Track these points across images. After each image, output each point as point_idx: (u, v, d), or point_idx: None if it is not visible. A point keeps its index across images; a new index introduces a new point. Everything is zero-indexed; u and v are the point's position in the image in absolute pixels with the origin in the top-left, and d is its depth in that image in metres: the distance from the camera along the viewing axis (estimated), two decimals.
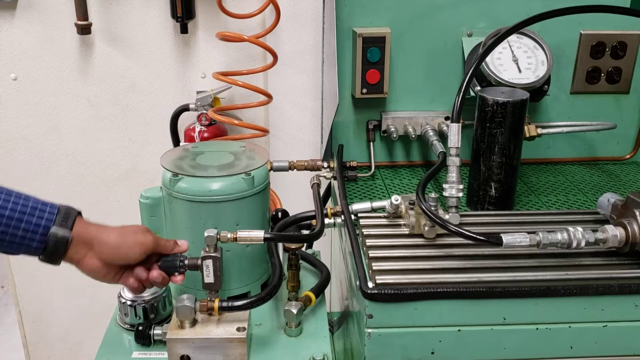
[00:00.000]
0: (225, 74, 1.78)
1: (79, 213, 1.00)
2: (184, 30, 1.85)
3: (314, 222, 1.27)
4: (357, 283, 1.00)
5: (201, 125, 1.89)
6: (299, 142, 2.04)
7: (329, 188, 1.64)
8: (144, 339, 1.10)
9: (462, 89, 1.15)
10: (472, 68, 1.16)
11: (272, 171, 1.47)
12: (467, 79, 1.15)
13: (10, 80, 1.90)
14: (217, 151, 1.26)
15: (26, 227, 0.92)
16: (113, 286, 1.16)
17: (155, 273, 1.03)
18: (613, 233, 1.02)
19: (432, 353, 0.99)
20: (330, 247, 1.93)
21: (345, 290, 1.35)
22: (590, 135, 1.54)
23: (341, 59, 1.44)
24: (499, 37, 1.19)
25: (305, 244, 1.36)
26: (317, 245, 1.52)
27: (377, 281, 1.00)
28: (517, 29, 1.18)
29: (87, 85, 1.92)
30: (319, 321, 1.19)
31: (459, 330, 0.98)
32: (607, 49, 1.46)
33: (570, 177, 1.47)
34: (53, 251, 0.95)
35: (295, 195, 1.91)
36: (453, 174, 1.16)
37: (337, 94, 1.29)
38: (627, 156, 1.55)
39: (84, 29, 1.79)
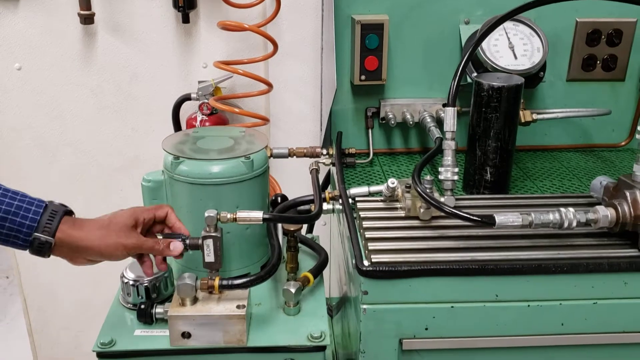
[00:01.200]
0: (226, 63, 1.80)
1: (66, 212, 1.00)
2: (185, 20, 1.87)
3: (312, 206, 1.30)
4: (353, 261, 1.03)
5: (203, 115, 1.91)
6: (300, 132, 2.06)
7: (329, 175, 1.66)
8: (145, 318, 1.12)
9: (458, 74, 1.17)
10: (468, 52, 1.18)
11: (272, 158, 1.50)
12: (462, 63, 1.17)
13: (14, 70, 1.93)
14: (218, 136, 1.29)
15: (11, 227, 0.94)
16: (117, 276, 1.19)
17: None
18: (604, 213, 1.04)
19: (426, 329, 1.01)
20: (329, 235, 1.95)
21: (344, 275, 1.37)
22: (585, 122, 1.56)
23: (340, 47, 1.46)
24: (495, 23, 1.22)
25: (305, 228, 1.39)
26: (318, 233, 1.55)
27: (373, 260, 1.02)
28: (512, 14, 1.20)
29: (90, 74, 1.95)
30: (317, 301, 1.22)
31: (452, 306, 1.00)
32: (603, 37, 1.48)
33: (565, 163, 1.50)
34: (38, 252, 0.97)
35: (295, 183, 1.94)
36: (449, 158, 1.19)
37: (335, 80, 1.32)
38: (623, 143, 1.57)
39: (87, 19, 1.82)
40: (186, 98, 1.92)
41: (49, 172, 2.05)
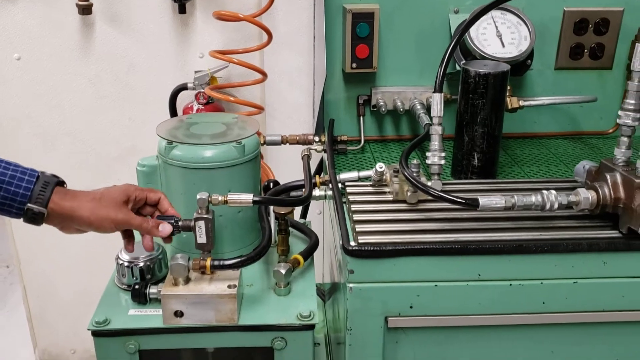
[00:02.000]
0: (222, 53, 1.83)
1: (58, 183, 1.03)
2: (182, 10, 1.90)
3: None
4: (340, 242, 1.06)
5: (199, 104, 1.94)
6: (295, 121, 2.09)
7: (322, 162, 1.69)
8: (140, 297, 1.15)
9: (444, 60, 1.20)
10: (455, 39, 1.21)
11: (265, 145, 1.53)
12: (449, 50, 1.20)
13: (14, 60, 1.96)
14: (211, 122, 1.32)
15: (5, 195, 0.97)
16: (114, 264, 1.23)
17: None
18: (585, 196, 1.07)
19: (411, 307, 1.04)
20: (322, 224, 1.98)
21: (335, 260, 1.40)
22: (573, 110, 1.58)
23: (332, 35, 1.49)
24: (482, 10, 1.24)
25: (294, 211, 1.41)
26: (314, 223, 1.58)
27: (360, 241, 1.05)
28: (499, 2, 1.23)
29: (88, 64, 1.98)
30: (307, 282, 1.25)
31: (436, 285, 1.03)
32: (590, 26, 1.50)
33: (553, 150, 1.52)
34: (31, 221, 1.00)
35: (288, 170, 1.96)
36: (436, 143, 1.21)
37: (325, 67, 1.34)
38: (610, 130, 1.59)
39: (85, 9, 1.85)
40: (183, 88, 1.95)
41: (48, 161, 2.08)
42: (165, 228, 1.10)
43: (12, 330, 2.75)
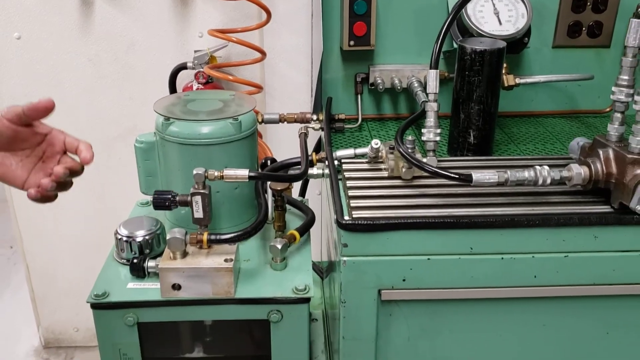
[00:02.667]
0: (221, 32, 1.83)
1: None
2: None
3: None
4: (335, 217, 1.07)
5: (198, 83, 1.95)
6: (294, 101, 2.10)
7: (320, 141, 1.70)
8: (138, 271, 1.17)
9: (440, 37, 1.20)
10: (451, 16, 1.21)
11: (263, 123, 1.54)
12: (445, 26, 1.20)
13: (14, 39, 1.96)
14: (208, 99, 1.33)
15: None
16: None
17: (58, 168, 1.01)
18: (577, 171, 1.08)
19: (404, 280, 1.06)
20: (320, 204, 2.00)
21: (331, 237, 1.42)
22: (571, 88, 1.59)
23: (330, 14, 1.49)
24: None
25: (292, 191, 1.43)
26: (313, 203, 1.59)
27: (354, 215, 1.06)
28: None
29: (88, 44, 1.98)
30: (303, 258, 1.26)
31: (429, 259, 1.05)
32: (589, 3, 1.50)
33: (550, 128, 1.53)
34: None
35: (287, 149, 1.98)
36: (431, 119, 1.22)
37: (322, 44, 1.35)
38: (607, 109, 1.60)
39: None
40: (182, 67, 1.96)
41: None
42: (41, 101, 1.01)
43: (16, 309, 2.78)
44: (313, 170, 1.32)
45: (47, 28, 1.95)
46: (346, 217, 1.05)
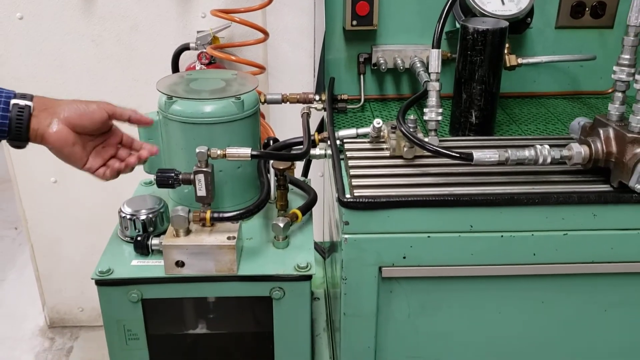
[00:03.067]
0: (224, 12, 1.83)
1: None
2: None
3: None
4: (336, 195, 1.08)
5: (201, 64, 1.95)
6: (297, 82, 2.10)
7: (322, 121, 1.70)
8: (142, 249, 1.19)
9: (442, 16, 1.20)
10: None
11: (266, 103, 1.54)
12: (447, 5, 1.20)
13: (16, 20, 1.97)
14: (210, 78, 1.33)
15: None
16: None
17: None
18: (577, 150, 1.08)
19: (404, 257, 1.07)
20: (323, 185, 2.01)
21: (333, 218, 1.43)
22: (574, 69, 1.59)
23: None
24: None
25: (295, 172, 1.44)
26: (316, 184, 1.60)
27: (355, 194, 1.07)
28: None
29: (91, 24, 1.98)
30: (305, 236, 1.27)
31: (429, 236, 1.06)
32: None
33: (552, 109, 1.53)
34: (18, 124, 0.97)
35: (290, 130, 1.97)
36: (433, 99, 1.22)
37: (324, 24, 1.35)
38: (609, 90, 1.60)
39: None
40: (185, 48, 1.96)
41: None
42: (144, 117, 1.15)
43: (22, 290, 2.81)
44: (315, 151, 1.33)
45: (49, 8, 1.95)
46: (347, 195, 1.06)
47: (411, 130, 1.16)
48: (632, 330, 1.18)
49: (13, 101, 0.98)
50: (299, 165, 1.69)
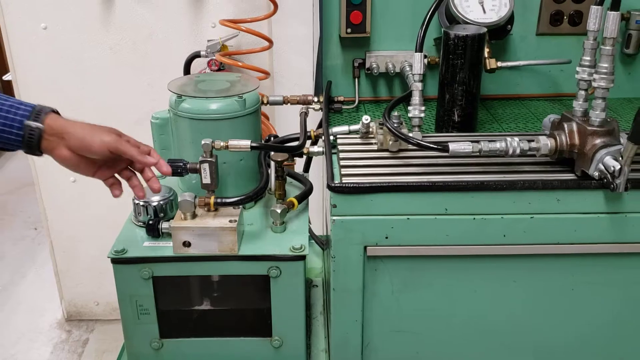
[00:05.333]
0: (231, 21, 1.98)
1: (53, 111, 1.13)
2: None
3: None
4: (326, 182, 1.21)
5: (211, 70, 2.09)
6: (301, 87, 2.23)
7: (321, 121, 1.83)
8: (153, 232, 1.32)
9: (424, 22, 1.33)
10: (434, 4, 1.34)
11: (268, 104, 1.67)
12: (429, 13, 1.33)
13: (41, 30, 2.13)
14: (216, 80, 1.47)
15: (4, 122, 1.07)
16: None
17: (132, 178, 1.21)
18: (544, 142, 1.20)
19: (386, 237, 1.19)
20: (322, 184, 2.13)
21: (327, 207, 1.55)
22: (554, 73, 1.70)
23: (330, 4, 1.62)
24: None
25: (294, 162, 1.57)
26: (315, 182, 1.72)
27: (344, 181, 1.20)
28: None
29: (109, 34, 2.14)
30: (301, 222, 1.40)
31: (408, 218, 1.18)
32: None
33: (533, 110, 1.65)
34: (29, 142, 1.09)
35: (292, 131, 2.11)
36: (416, 98, 1.35)
37: (319, 30, 1.48)
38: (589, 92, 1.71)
39: None
40: (196, 55, 2.10)
41: (77, 116, 2.25)
42: (153, 155, 1.19)
43: (41, 286, 2.96)
44: (314, 148, 1.46)
45: (71, 19, 2.11)
46: (336, 181, 1.19)
47: (395, 125, 1.29)
48: (598, 308, 1.28)
49: (26, 122, 1.08)
50: (300, 164, 1.82)
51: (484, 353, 1.33)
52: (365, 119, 1.36)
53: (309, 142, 1.54)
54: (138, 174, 1.23)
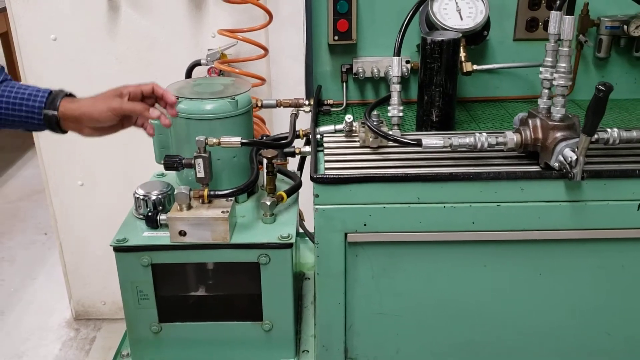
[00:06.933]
0: (230, 31, 2.10)
1: (67, 95, 1.29)
2: None
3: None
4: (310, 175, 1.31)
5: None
6: (296, 93, 2.33)
7: None
8: (152, 223, 1.43)
9: (402, 30, 1.44)
10: (411, 12, 1.45)
11: (262, 108, 1.79)
12: (406, 21, 1.44)
13: (50, 41, 2.25)
14: (211, 83, 1.59)
15: (27, 111, 1.24)
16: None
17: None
18: (510, 137, 1.31)
19: (365, 225, 1.29)
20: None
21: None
22: (532, 76, 1.80)
23: (319, 14, 1.74)
24: None
25: (286, 162, 1.68)
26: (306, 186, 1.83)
27: (325, 172, 1.31)
28: None
29: (115, 44, 2.26)
30: (290, 215, 1.51)
31: (384, 207, 1.28)
32: (543, 1, 1.73)
33: (510, 110, 1.75)
34: (51, 127, 1.26)
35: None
36: (395, 98, 1.46)
37: (305, 38, 1.60)
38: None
39: None
40: (197, 64, 2.22)
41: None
42: (155, 111, 1.30)
43: (50, 288, 3.07)
44: (306, 148, 1.57)
45: (79, 30, 2.24)
46: (319, 173, 1.30)
47: (375, 124, 1.40)
48: (564, 292, 1.38)
49: (44, 111, 1.25)
50: (293, 163, 1.92)
51: (458, 333, 1.42)
52: (348, 118, 1.47)
53: (302, 142, 1.66)
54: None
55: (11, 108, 1.25)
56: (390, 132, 1.43)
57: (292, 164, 1.83)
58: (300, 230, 1.89)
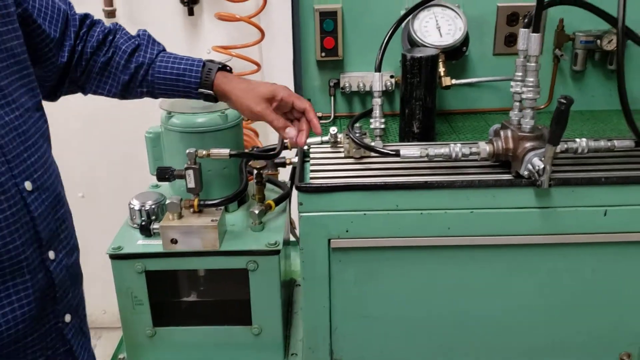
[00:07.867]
0: (223, 47, 2.19)
1: (220, 68, 1.36)
2: (190, 13, 2.27)
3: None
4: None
5: None
6: None
7: None
8: (146, 231, 1.51)
9: (382, 48, 1.52)
10: (391, 29, 1.53)
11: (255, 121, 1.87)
12: (386, 38, 1.52)
13: None
14: None
15: (185, 86, 1.34)
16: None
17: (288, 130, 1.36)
18: (483, 147, 1.38)
19: (347, 231, 1.37)
20: None
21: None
22: None
23: (307, 31, 1.82)
24: (416, 6, 1.58)
25: (277, 173, 1.75)
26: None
27: (309, 182, 1.38)
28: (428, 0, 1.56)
29: None
30: (279, 223, 1.58)
31: (365, 214, 1.36)
32: (521, 18, 1.81)
33: (491, 122, 1.81)
34: (207, 100, 1.35)
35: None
36: (377, 112, 1.53)
37: (293, 54, 1.68)
38: (542, 106, 1.89)
39: (110, 13, 2.23)
40: None
41: (84, 137, 2.47)
42: (291, 131, 1.34)
43: None
44: (296, 159, 1.64)
45: None
46: (304, 182, 1.37)
47: (357, 135, 1.47)
48: (536, 294, 1.44)
49: (200, 90, 1.33)
50: (285, 174, 2.00)
51: (437, 333, 1.49)
52: (332, 129, 1.55)
53: (292, 153, 1.74)
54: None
55: (169, 84, 1.35)
56: (372, 143, 1.51)
57: (284, 174, 1.91)
58: (292, 238, 1.96)
